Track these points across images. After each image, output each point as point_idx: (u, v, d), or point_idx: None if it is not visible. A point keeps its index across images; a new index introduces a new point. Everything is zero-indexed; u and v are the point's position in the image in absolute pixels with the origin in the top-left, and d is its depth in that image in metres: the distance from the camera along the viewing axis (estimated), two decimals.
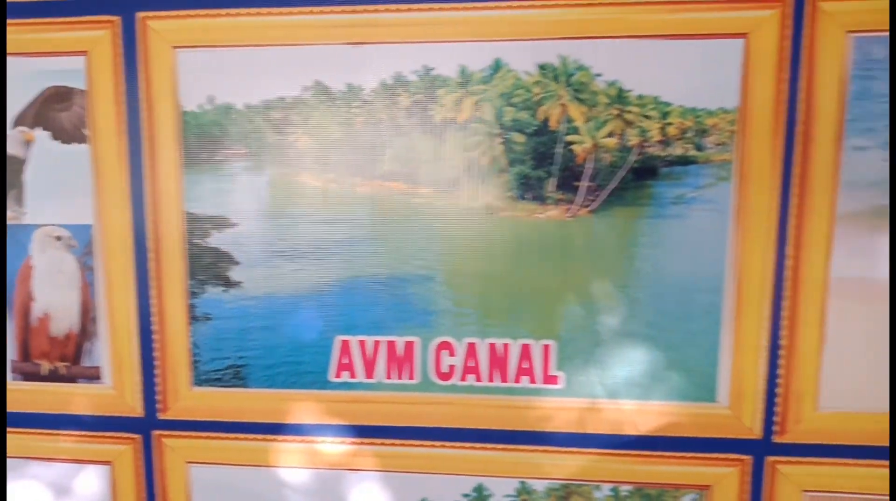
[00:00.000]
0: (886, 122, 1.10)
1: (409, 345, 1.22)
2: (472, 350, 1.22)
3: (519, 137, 1.16)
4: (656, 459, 1.22)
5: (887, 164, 1.11)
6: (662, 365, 1.19)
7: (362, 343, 1.23)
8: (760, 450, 1.20)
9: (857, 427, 1.18)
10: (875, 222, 1.13)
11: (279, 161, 1.19)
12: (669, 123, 1.13)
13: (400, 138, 1.17)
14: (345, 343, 1.23)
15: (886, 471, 1.19)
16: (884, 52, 1.08)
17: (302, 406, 1.25)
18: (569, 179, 1.16)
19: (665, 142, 1.14)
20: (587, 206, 1.16)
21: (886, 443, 1.18)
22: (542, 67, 1.13)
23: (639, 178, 1.15)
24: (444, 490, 1.26)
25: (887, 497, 1.21)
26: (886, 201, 1.12)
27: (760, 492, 1.22)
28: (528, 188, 1.17)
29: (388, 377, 1.24)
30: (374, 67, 1.15)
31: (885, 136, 1.10)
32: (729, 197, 1.14)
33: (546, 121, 1.15)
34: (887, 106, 1.10)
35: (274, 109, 1.18)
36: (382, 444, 1.26)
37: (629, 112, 1.14)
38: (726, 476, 1.21)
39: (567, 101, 1.14)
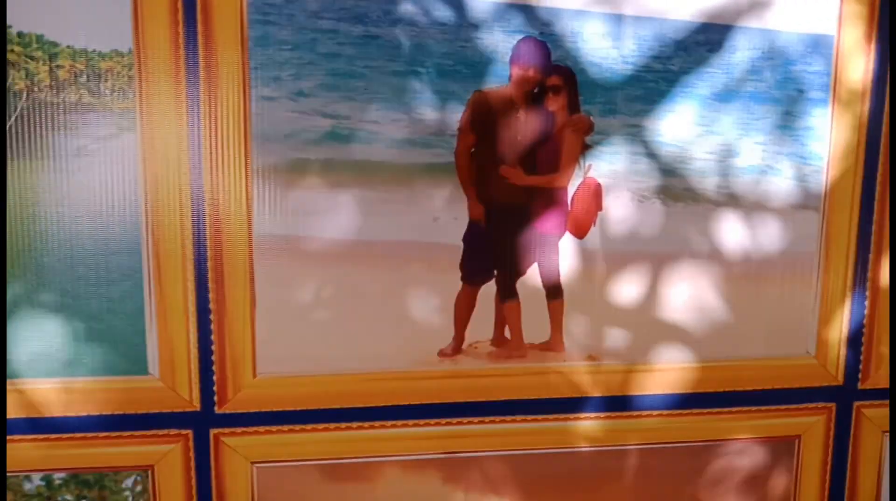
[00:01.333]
0: (291, 71, 1.05)
1: None
2: None
3: None
4: (91, 441, 1.11)
5: (296, 115, 1.06)
6: (83, 337, 1.07)
7: None
8: (203, 423, 1.12)
9: (297, 392, 1.14)
10: (292, 176, 1.08)
11: None
12: (59, 66, 1.01)
13: None
14: None
15: (331, 434, 1.15)
16: None
17: None
18: None
19: (57, 87, 1.02)
20: None
21: (325, 406, 1.14)
22: None
23: (32, 127, 1.02)
24: None
25: (331, 462, 1.17)
26: (301, 155, 1.07)
27: (209, 469, 1.14)
28: None
29: None
30: None
31: (292, 86, 1.05)
32: (136, 149, 1.04)
33: None
34: (289, 54, 1.04)
35: None
36: None
37: (11, 52, 1.00)
38: (167, 453, 1.12)
39: None
